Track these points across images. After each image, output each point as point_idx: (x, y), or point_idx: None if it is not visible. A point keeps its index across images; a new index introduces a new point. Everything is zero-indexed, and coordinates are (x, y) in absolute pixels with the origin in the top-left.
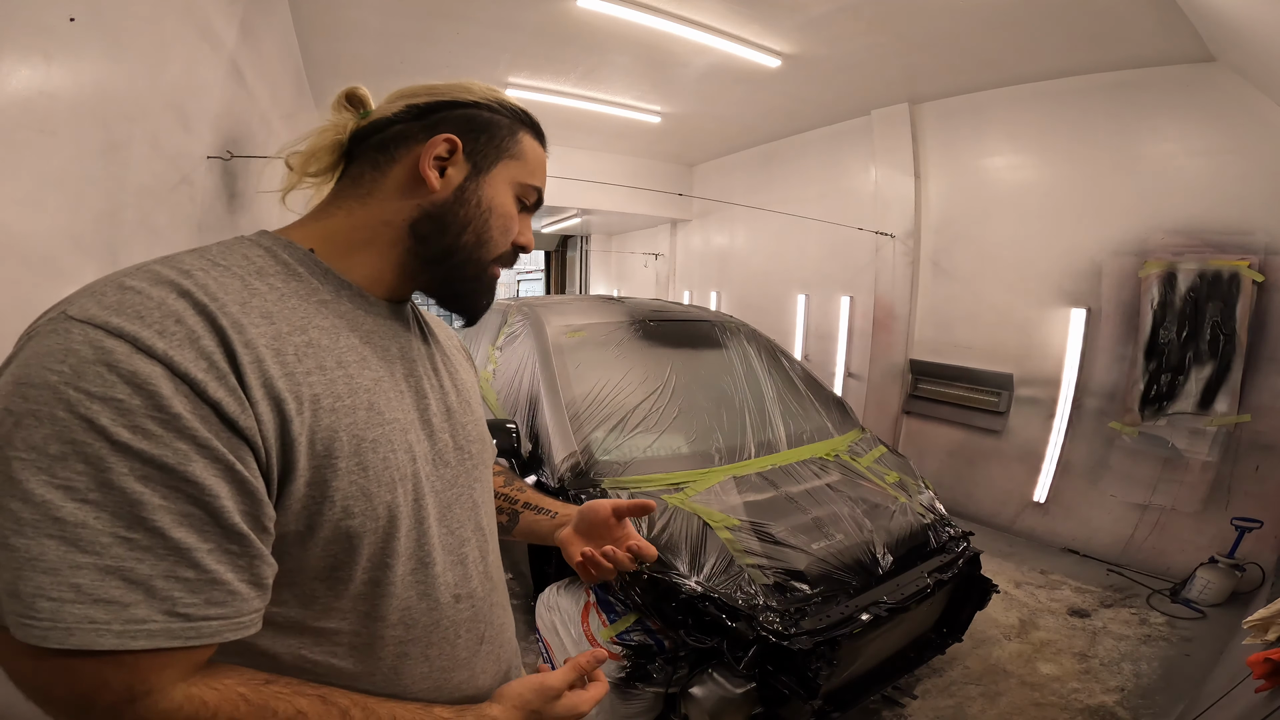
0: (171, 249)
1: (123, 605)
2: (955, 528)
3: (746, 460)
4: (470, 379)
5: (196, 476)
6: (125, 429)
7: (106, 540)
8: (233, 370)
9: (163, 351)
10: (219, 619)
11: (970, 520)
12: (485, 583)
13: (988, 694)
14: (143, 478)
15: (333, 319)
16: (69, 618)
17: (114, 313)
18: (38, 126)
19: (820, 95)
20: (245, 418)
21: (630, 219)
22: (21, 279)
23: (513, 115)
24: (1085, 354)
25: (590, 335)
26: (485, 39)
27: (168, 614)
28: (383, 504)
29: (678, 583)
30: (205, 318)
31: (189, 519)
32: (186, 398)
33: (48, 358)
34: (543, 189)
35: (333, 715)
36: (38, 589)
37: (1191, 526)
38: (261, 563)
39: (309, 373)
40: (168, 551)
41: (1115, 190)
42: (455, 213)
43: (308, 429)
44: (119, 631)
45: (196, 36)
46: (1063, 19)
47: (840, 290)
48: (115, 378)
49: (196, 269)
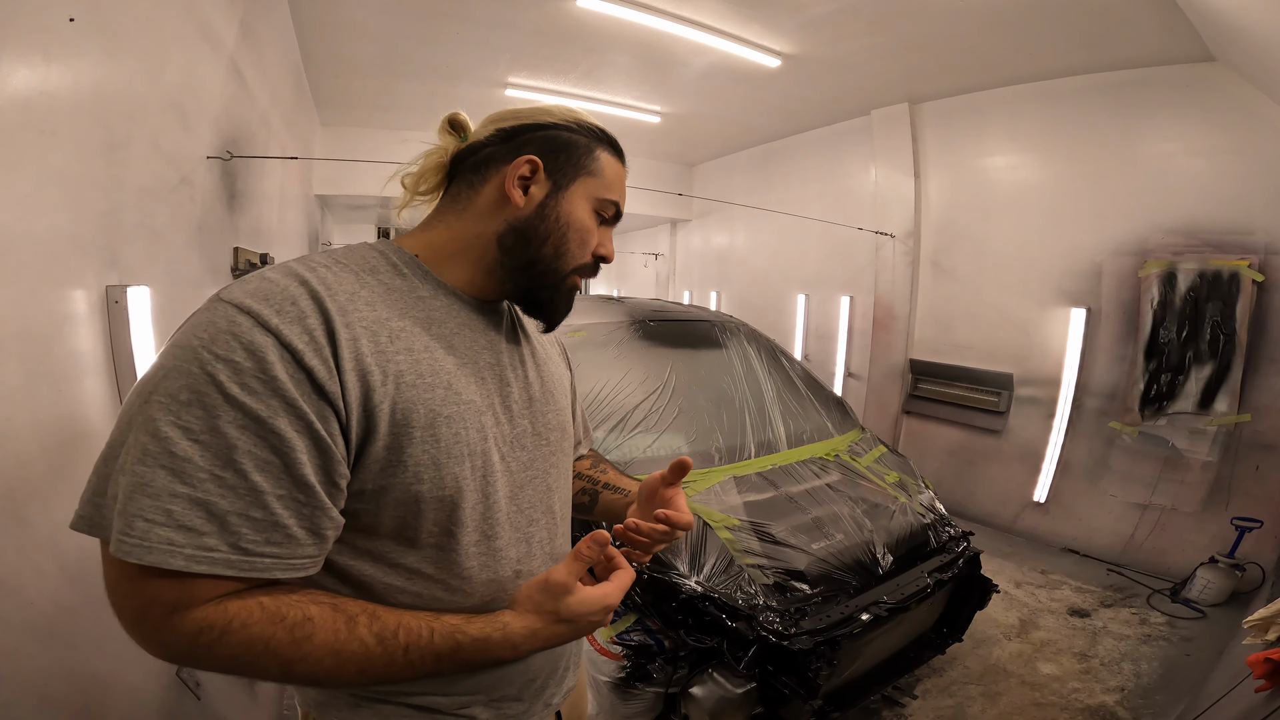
0: (171, 249)
1: (199, 534)
2: (955, 527)
3: (746, 460)
4: (560, 374)
5: (281, 430)
6: (237, 385)
7: (203, 476)
8: (329, 344)
9: (275, 326)
10: (272, 558)
11: (970, 520)
12: (549, 563)
13: (988, 694)
14: (241, 427)
15: (428, 312)
16: (154, 538)
17: (248, 296)
18: (38, 126)
19: (820, 95)
20: (331, 384)
21: (630, 219)
22: (22, 279)
23: (590, 134)
24: (1085, 354)
25: (590, 335)
26: (485, 39)
27: (232, 547)
28: (450, 475)
29: (678, 583)
30: (315, 302)
31: (268, 466)
32: (287, 364)
33: (197, 326)
34: (620, 202)
35: (338, 621)
36: (139, 510)
37: (1191, 526)
38: (323, 515)
39: (398, 353)
40: (246, 491)
41: (1115, 190)
42: (536, 227)
43: (389, 399)
44: (189, 556)
45: (196, 36)
46: (1063, 19)
47: (840, 290)
48: (237, 344)
49: (321, 266)
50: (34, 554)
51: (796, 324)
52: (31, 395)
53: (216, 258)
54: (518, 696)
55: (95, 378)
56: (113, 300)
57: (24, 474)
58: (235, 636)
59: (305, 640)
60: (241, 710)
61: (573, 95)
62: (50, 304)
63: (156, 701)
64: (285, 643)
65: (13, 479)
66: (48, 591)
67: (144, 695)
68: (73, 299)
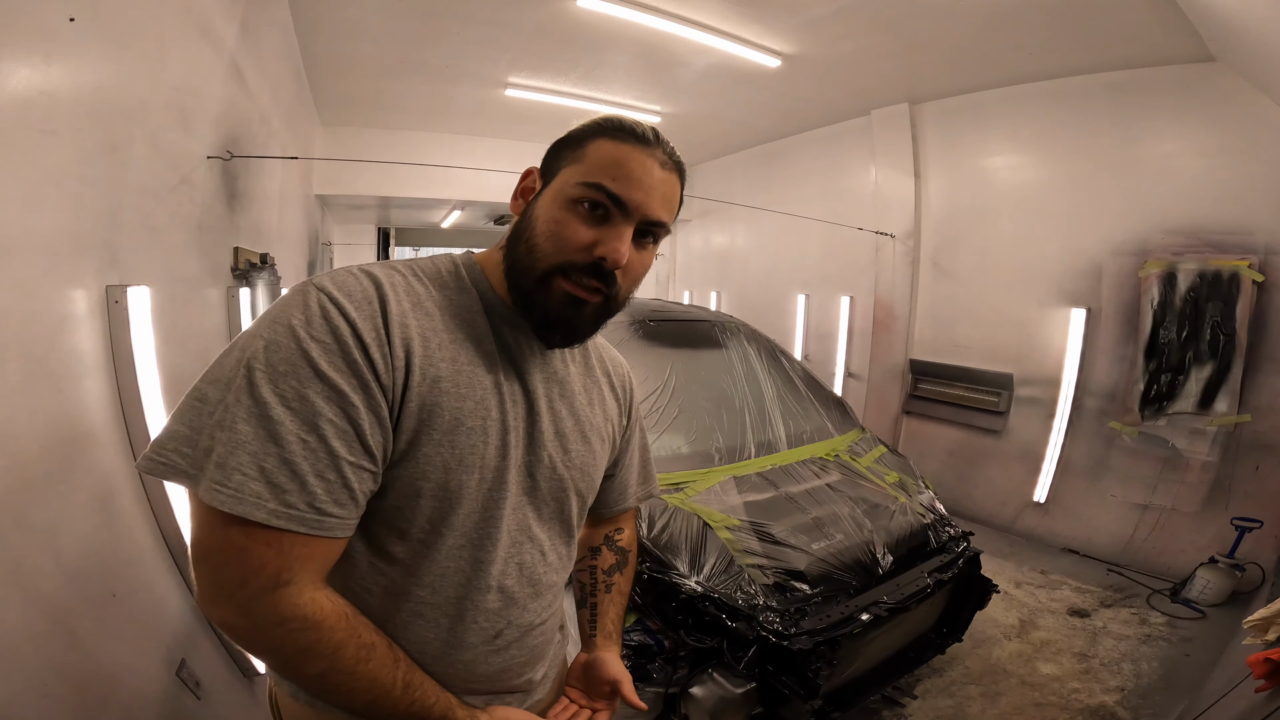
0: (171, 249)
1: (284, 490)
2: (955, 528)
3: (746, 460)
4: (605, 416)
5: (357, 402)
6: (325, 361)
7: (291, 438)
8: (387, 341)
9: (353, 318)
10: (338, 519)
11: (970, 520)
12: (526, 588)
13: (988, 694)
14: (326, 397)
15: (481, 330)
16: (247, 492)
17: (337, 288)
18: (38, 126)
19: (820, 95)
20: (387, 375)
21: None
22: (21, 279)
23: (593, 127)
24: (1085, 354)
25: None
26: (485, 39)
27: (309, 505)
28: (456, 480)
29: (678, 583)
30: (381, 303)
31: (344, 435)
32: (360, 350)
33: (294, 307)
34: (611, 186)
35: (389, 659)
36: (239, 464)
37: (1191, 526)
38: (373, 481)
39: (442, 360)
40: (325, 455)
41: (1115, 190)
42: (519, 231)
43: (419, 397)
44: (271, 510)
45: (196, 36)
46: (1063, 19)
47: (840, 290)
48: (327, 327)
49: (398, 272)
50: (34, 554)
51: (796, 324)
52: (31, 395)
53: (216, 257)
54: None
55: (95, 378)
56: (113, 300)
57: (24, 474)
58: (315, 634)
59: (363, 661)
60: (241, 710)
61: (573, 95)
62: (50, 304)
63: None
64: (349, 657)
65: (13, 479)
66: (48, 591)
67: (144, 695)
68: (73, 299)
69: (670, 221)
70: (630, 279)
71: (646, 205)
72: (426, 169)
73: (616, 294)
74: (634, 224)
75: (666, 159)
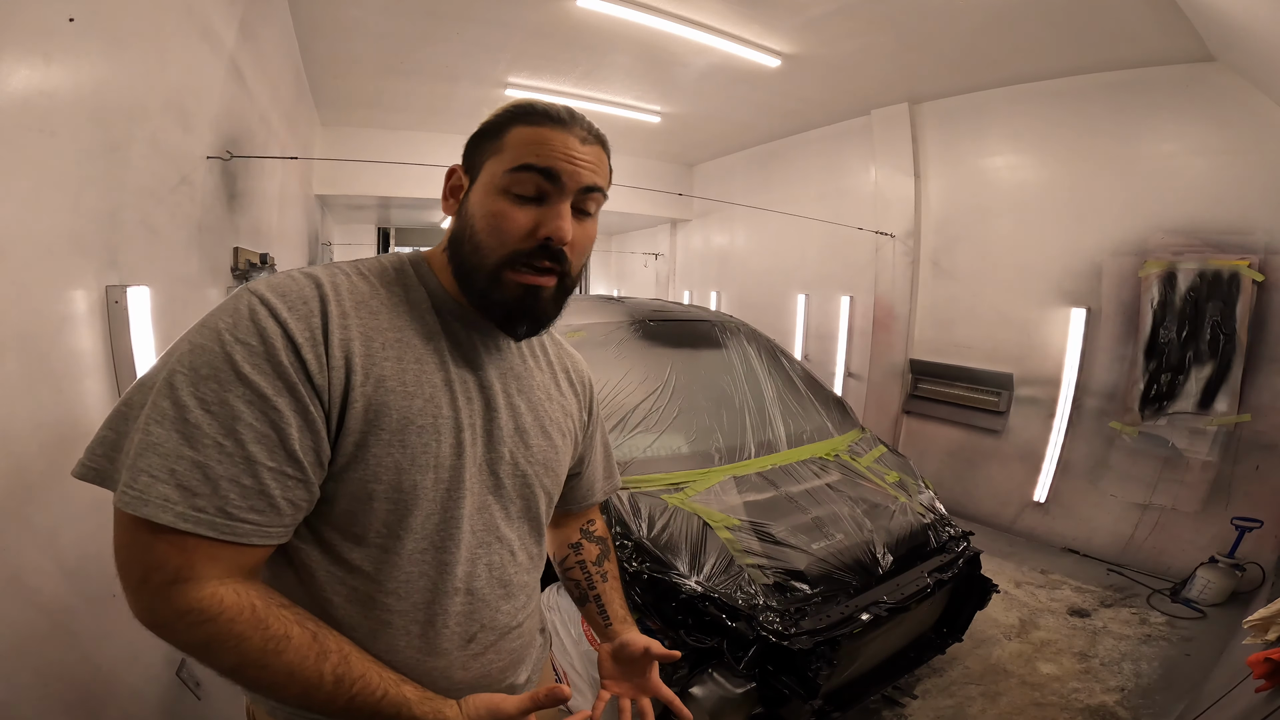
0: (171, 249)
1: (193, 494)
2: (955, 527)
3: (746, 460)
4: (565, 411)
5: (281, 408)
6: (249, 365)
7: (208, 442)
8: (324, 341)
9: (284, 318)
10: (253, 525)
11: (970, 520)
12: (496, 589)
13: (988, 694)
14: (248, 401)
15: (430, 327)
16: (153, 494)
17: (270, 289)
18: (38, 126)
19: (820, 95)
20: (321, 376)
21: (630, 219)
22: (22, 279)
23: (507, 116)
24: (1085, 354)
25: (590, 335)
26: (485, 39)
27: (219, 510)
28: (410, 481)
29: (678, 583)
30: (321, 304)
31: (265, 439)
32: (290, 352)
33: (224, 310)
34: (538, 162)
35: (312, 651)
36: (148, 466)
37: (1191, 526)
38: (304, 489)
39: (386, 359)
40: (241, 460)
41: (1115, 190)
42: (459, 230)
43: (364, 397)
44: (179, 513)
45: (196, 36)
46: (1063, 19)
47: (840, 290)
48: (253, 329)
49: (342, 272)
50: (34, 554)
51: (796, 324)
52: (31, 395)
53: (216, 258)
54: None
55: (95, 378)
56: (113, 300)
57: (24, 474)
58: (215, 627)
59: (274, 654)
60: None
61: (573, 95)
62: (50, 304)
63: (156, 701)
64: (255, 649)
65: (13, 479)
66: (47, 591)
67: (144, 695)
68: (73, 299)
69: (605, 188)
70: (578, 253)
71: (578, 174)
72: (426, 169)
73: (569, 271)
74: (570, 198)
75: (586, 134)
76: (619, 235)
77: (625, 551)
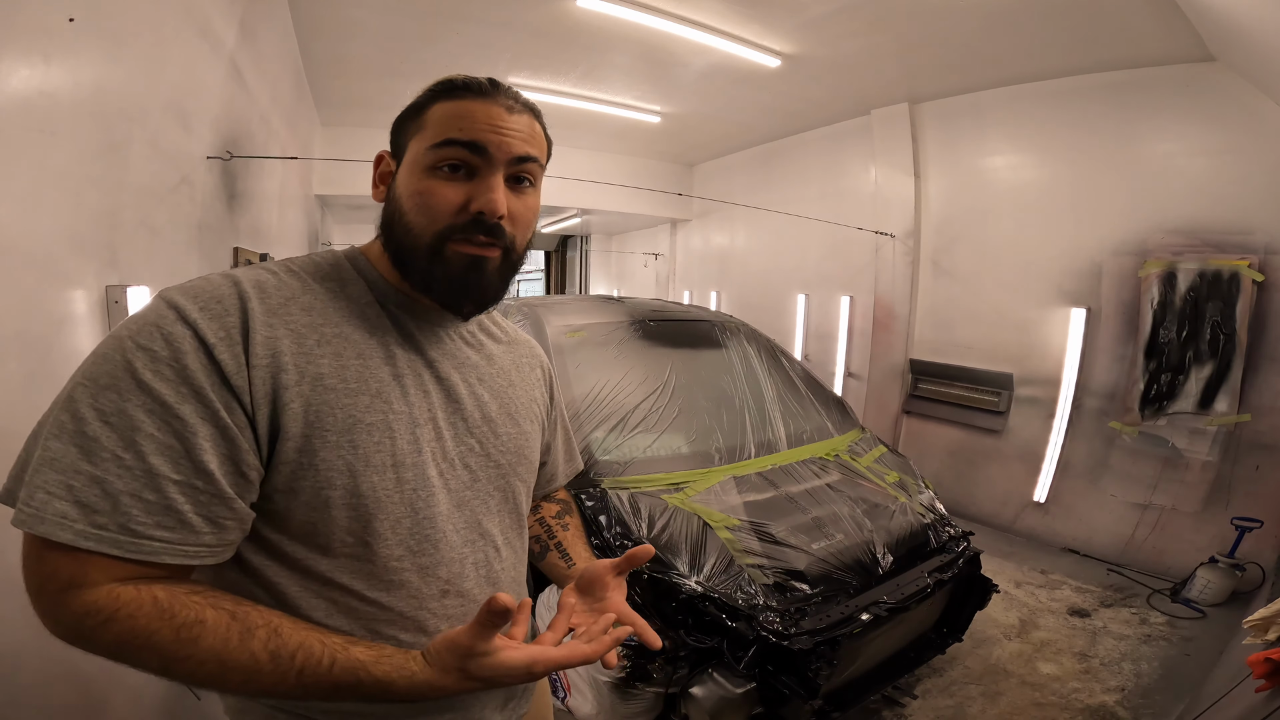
0: (171, 249)
1: (93, 510)
2: (955, 527)
3: (746, 460)
4: (526, 397)
5: (185, 415)
6: (150, 372)
7: (107, 456)
8: (242, 341)
9: (194, 319)
10: (162, 542)
11: (970, 520)
12: (486, 587)
13: (988, 694)
14: (148, 410)
15: (373, 320)
16: (49, 511)
17: (180, 293)
18: (38, 126)
19: (820, 95)
20: (239, 378)
21: (630, 219)
22: (22, 279)
23: (429, 94)
24: (1085, 354)
25: (590, 335)
26: (485, 39)
27: (121, 527)
28: (367, 483)
29: (678, 583)
30: (240, 301)
31: (168, 451)
32: (199, 355)
33: (131, 319)
34: (461, 135)
35: (233, 630)
36: (44, 482)
37: (1191, 526)
38: (222, 504)
39: (323, 356)
40: (142, 473)
41: (1115, 190)
42: (390, 213)
43: (302, 399)
44: (78, 531)
45: (196, 36)
46: (1063, 19)
47: (840, 290)
48: (158, 334)
49: (267, 271)
50: None
51: (796, 324)
52: (31, 395)
53: (216, 258)
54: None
55: None
56: (113, 300)
57: None
58: (119, 625)
59: (190, 642)
60: None
61: (573, 95)
62: (50, 304)
63: (156, 701)
64: (168, 640)
65: None
66: None
67: (144, 695)
68: (73, 299)
69: (541, 157)
70: (521, 226)
71: (507, 145)
72: None
73: (513, 245)
74: (501, 170)
75: (513, 103)
76: (619, 235)
77: (625, 552)
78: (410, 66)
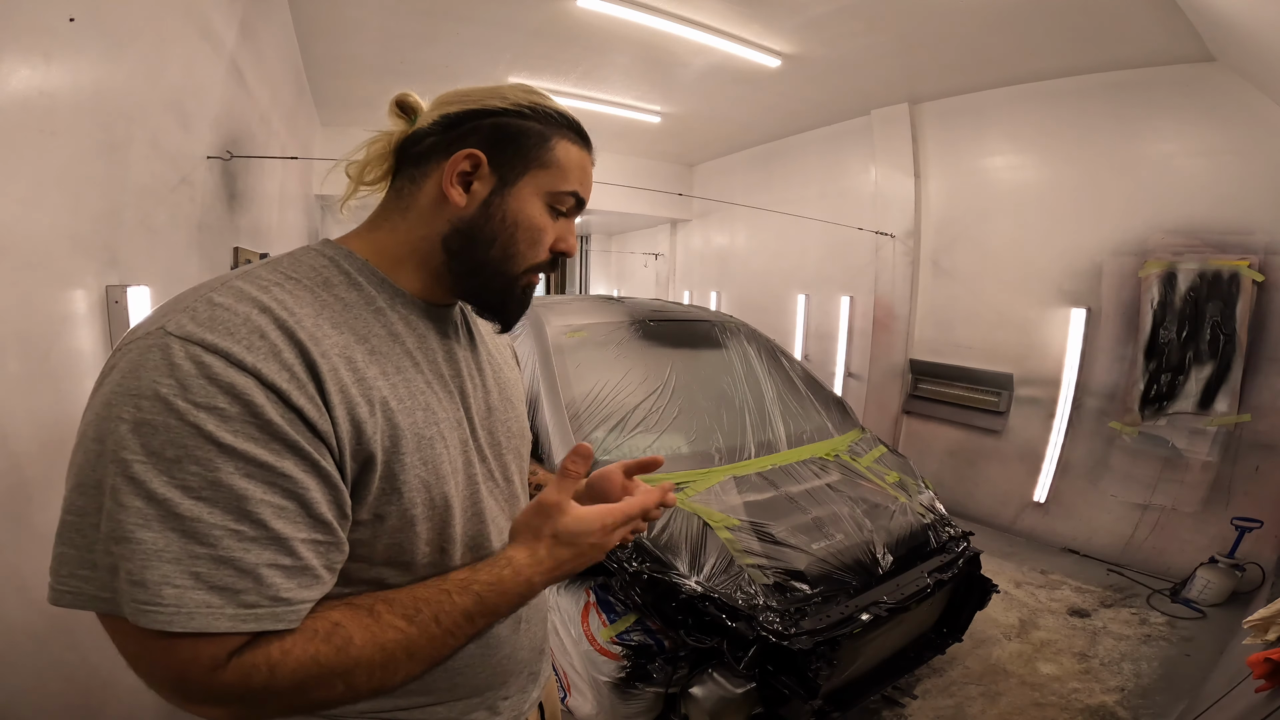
0: (171, 249)
1: (235, 591)
2: (955, 527)
3: (746, 460)
4: (514, 376)
5: (290, 471)
6: (228, 433)
7: (219, 533)
8: (312, 380)
9: (252, 365)
10: (306, 602)
11: (970, 520)
12: None
13: (988, 694)
14: (246, 475)
15: (389, 326)
16: (190, 603)
17: (208, 329)
18: (38, 126)
19: (820, 95)
20: (323, 422)
21: (630, 219)
22: (22, 279)
23: (546, 120)
24: (1085, 354)
25: (590, 335)
26: (485, 39)
27: (273, 600)
28: (440, 494)
29: (678, 583)
30: (284, 332)
31: (285, 512)
32: (276, 405)
33: (155, 371)
34: (582, 192)
35: (362, 617)
36: (164, 577)
37: (1191, 526)
38: (338, 550)
39: (375, 377)
40: (270, 541)
41: (1115, 190)
42: (482, 228)
43: (380, 428)
44: (232, 615)
45: (196, 36)
46: (1063, 19)
47: (840, 290)
48: (216, 389)
49: (273, 284)
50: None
51: (796, 324)
52: (31, 395)
53: (216, 257)
54: (480, 698)
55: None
56: (113, 300)
57: (24, 474)
58: (285, 667)
59: (347, 645)
60: None
61: (573, 95)
62: (50, 304)
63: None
64: (331, 654)
65: (13, 479)
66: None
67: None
68: (73, 299)
69: None
70: None
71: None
72: None
73: None
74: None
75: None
76: (619, 235)
77: (625, 551)
78: (410, 66)
